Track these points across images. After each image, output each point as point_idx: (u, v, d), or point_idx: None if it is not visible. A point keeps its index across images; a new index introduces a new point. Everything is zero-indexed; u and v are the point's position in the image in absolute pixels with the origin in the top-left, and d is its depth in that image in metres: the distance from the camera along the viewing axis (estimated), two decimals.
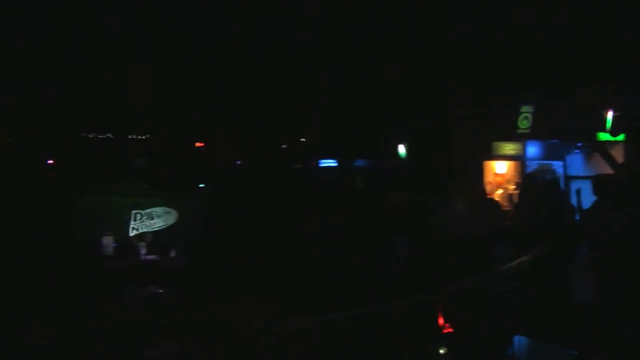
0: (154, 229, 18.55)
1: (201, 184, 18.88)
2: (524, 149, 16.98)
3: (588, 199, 10.82)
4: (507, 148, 16.82)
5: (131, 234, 17.62)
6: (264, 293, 12.83)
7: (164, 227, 18.84)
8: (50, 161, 17.87)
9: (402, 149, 16.43)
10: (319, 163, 18.32)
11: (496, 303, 9.94)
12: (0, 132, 16.00)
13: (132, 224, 18.34)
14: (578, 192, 11.22)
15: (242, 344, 10.28)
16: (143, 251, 16.95)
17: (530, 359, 9.14)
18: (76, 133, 16.51)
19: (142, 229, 18.29)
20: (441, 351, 8.96)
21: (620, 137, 15.02)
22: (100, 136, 16.69)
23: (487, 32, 14.07)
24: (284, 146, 17.77)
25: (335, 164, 18.39)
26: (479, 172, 16.47)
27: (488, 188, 15.70)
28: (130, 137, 17.31)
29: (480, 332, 9.19)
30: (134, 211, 18.57)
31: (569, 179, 16.89)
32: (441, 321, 9.47)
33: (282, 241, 15.85)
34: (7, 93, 14.30)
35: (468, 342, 9.04)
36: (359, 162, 17.95)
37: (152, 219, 18.71)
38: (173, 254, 17.24)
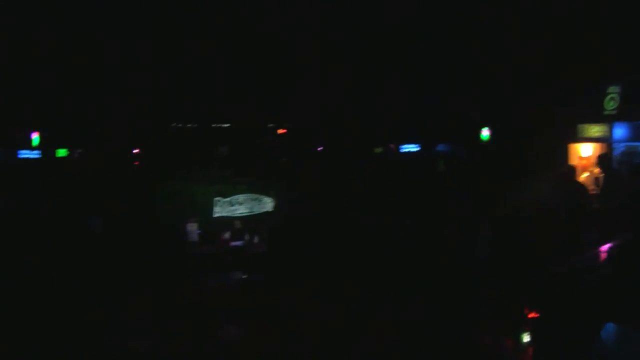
0: (237, 216, 18.80)
1: (284, 170, 19.02)
2: (610, 131, 16.54)
3: None
4: (593, 130, 16.40)
5: (215, 221, 17.89)
6: (347, 278, 12.88)
7: (246, 213, 19.08)
8: (136, 150, 18.26)
9: (485, 133, 16.25)
10: (400, 148, 18.22)
11: (584, 288, 9.73)
12: (88, 123, 16.42)
13: (215, 211, 18.63)
14: None
15: (324, 328, 10.36)
16: (227, 237, 17.20)
17: (620, 346, 8.93)
18: (161, 123, 16.82)
19: (225, 216, 18.57)
20: (526, 336, 8.84)
21: None
22: (184, 125, 16.96)
23: (573, 11, 13.73)
24: (364, 131, 17.71)
25: (417, 149, 18.26)
26: (564, 155, 16.15)
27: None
28: (213, 125, 17.52)
29: (567, 317, 9.02)
30: (216, 198, 18.87)
31: None
32: (526, 306, 9.35)
33: (365, 227, 15.86)
34: (91, 84, 14.65)
35: (554, 327, 8.89)
36: (441, 147, 17.78)
37: (235, 205, 18.96)
38: (256, 240, 17.44)
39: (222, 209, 18.79)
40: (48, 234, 14.33)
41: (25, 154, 17.01)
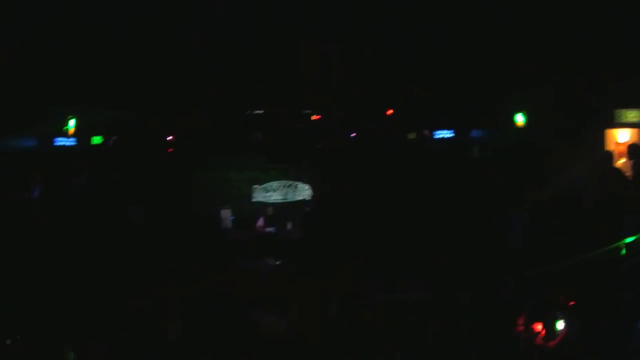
0: (271, 202, 18.87)
1: (318, 157, 18.98)
2: None
3: None
4: (631, 115, 16.12)
5: (249, 208, 17.97)
6: (381, 264, 12.86)
7: (280, 200, 19.14)
8: (170, 137, 18.31)
9: (519, 118, 16.05)
10: (434, 134, 18.04)
11: (623, 276, 9.61)
12: (120, 110, 16.47)
13: (249, 197, 18.72)
14: None
15: (361, 314, 10.36)
16: (260, 224, 17.28)
17: None
18: (194, 109, 16.83)
19: (258, 202, 18.64)
20: (561, 323, 8.77)
21: None
22: (218, 111, 16.95)
23: None
24: (398, 117, 17.55)
25: (452, 135, 18.04)
26: (600, 141, 15.91)
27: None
28: (247, 112, 17.48)
29: (605, 305, 8.93)
30: (250, 185, 18.96)
31: None
32: (563, 294, 9.27)
33: (398, 213, 15.81)
34: (126, 71, 14.70)
35: (590, 315, 8.81)
36: (475, 133, 17.57)
37: (269, 192, 19.04)
38: (290, 226, 17.50)
39: (256, 195, 18.90)
40: (89, 225, 14.47)
41: (61, 141, 17.04)
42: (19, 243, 12.28)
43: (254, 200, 18.60)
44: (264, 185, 18.86)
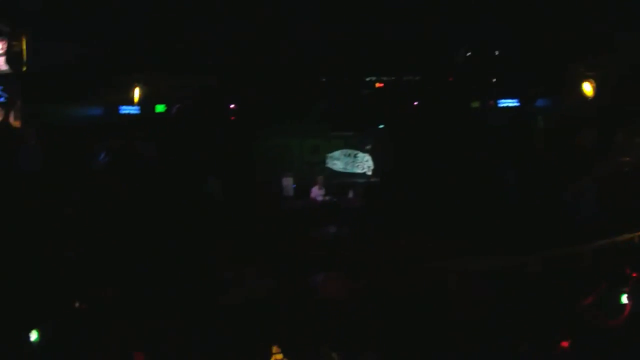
0: (334, 171, 18.90)
1: (381, 125, 18.89)
2: None
3: None
4: None
5: (310, 176, 17.99)
6: (447, 233, 12.76)
7: (341, 169, 19.14)
8: (232, 105, 18.33)
9: (587, 87, 15.60)
10: (498, 103, 17.70)
11: None
12: (184, 78, 16.54)
13: (311, 166, 18.76)
14: None
15: (425, 283, 10.31)
16: (322, 192, 17.29)
17: None
18: (262, 77, 16.79)
19: (321, 171, 18.64)
20: (625, 297, 8.60)
21: None
22: (280, 79, 16.87)
23: None
24: (461, 85, 17.24)
25: (516, 104, 17.66)
26: None
27: None
28: (309, 79, 17.35)
29: None
30: (314, 154, 19.01)
31: None
32: (629, 266, 9.09)
33: (461, 181, 15.68)
34: (189, 38, 14.76)
35: None
36: (540, 102, 17.17)
37: (333, 161, 19.07)
38: (351, 195, 17.51)
39: (319, 163, 18.94)
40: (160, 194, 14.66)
41: (126, 109, 17.09)
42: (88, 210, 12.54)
43: (315, 168, 18.61)
44: (330, 154, 18.92)
